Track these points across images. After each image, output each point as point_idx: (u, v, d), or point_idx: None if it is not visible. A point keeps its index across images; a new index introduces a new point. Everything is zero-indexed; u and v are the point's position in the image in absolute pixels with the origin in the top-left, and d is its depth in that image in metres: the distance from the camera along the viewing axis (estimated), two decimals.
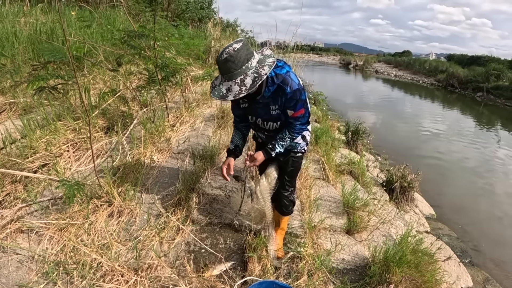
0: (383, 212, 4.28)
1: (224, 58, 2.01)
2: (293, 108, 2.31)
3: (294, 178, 2.82)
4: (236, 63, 2.02)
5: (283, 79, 2.22)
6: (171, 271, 2.40)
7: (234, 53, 2.00)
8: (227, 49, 2.01)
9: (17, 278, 2.22)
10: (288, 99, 2.26)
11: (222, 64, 2.04)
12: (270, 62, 2.11)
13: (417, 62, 40.11)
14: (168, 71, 4.33)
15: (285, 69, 2.25)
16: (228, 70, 2.04)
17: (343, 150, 6.84)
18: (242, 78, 2.04)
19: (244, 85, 2.04)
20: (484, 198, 7.35)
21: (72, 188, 2.44)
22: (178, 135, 4.48)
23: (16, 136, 3.56)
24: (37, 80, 2.87)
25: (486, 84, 24.50)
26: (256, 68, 2.07)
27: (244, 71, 2.05)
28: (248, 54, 2.05)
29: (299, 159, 2.70)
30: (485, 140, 12.37)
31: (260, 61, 2.12)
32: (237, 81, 2.05)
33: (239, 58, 2.01)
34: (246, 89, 2.04)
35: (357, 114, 12.05)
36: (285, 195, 2.77)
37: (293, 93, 2.23)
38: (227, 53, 2.00)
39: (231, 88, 2.06)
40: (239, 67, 2.03)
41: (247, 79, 2.04)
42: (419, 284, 2.65)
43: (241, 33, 16.42)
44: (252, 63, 2.07)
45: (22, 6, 7.89)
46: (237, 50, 2.00)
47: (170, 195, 3.29)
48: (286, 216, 2.92)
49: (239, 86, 2.04)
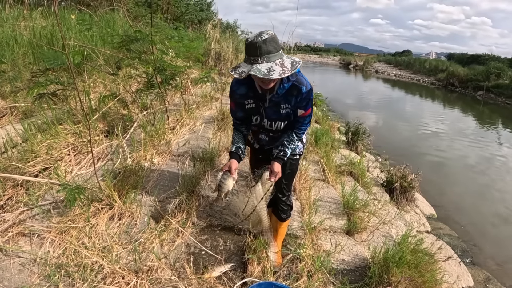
0: (383, 212, 4.29)
1: (265, 38, 1.97)
2: (304, 108, 2.32)
3: (292, 181, 2.79)
4: (276, 45, 2.02)
5: (297, 78, 2.22)
6: (171, 273, 2.42)
7: (274, 35, 2.00)
8: (264, 31, 2.00)
9: (19, 281, 2.24)
10: (303, 99, 2.27)
11: (262, 44, 1.98)
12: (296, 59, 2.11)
13: (417, 61, 40.02)
14: (167, 74, 4.34)
15: (298, 69, 2.20)
16: (269, 50, 2.00)
17: (343, 151, 6.84)
18: (281, 61, 2.02)
19: (285, 67, 2.01)
20: (485, 197, 7.34)
21: (73, 192, 2.46)
22: (178, 138, 4.50)
23: (17, 140, 3.57)
24: (37, 87, 2.90)
25: (486, 83, 24.45)
26: (287, 57, 2.08)
27: (281, 55, 2.04)
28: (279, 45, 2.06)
29: (297, 162, 2.70)
30: (486, 139, 12.35)
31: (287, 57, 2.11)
32: (277, 62, 2.01)
33: (277, 41, 2.03)
34: (288, 70, 2.01)
35: (357, 115, 12.04)
36: (282, 200, 2.72)
37: (308, 93, 2.25)
38: (267, 34, 1.98)
39: (272, 68, 1.99)
40: (278, 50, 2.03)
41: (286, 62, 2.03)
42: (418, 284, 2.66)
43: (241, 35, 16.43)
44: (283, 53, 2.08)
45: (22, 10, 7.90)
46: (272, 35, 2.00)
47: (171, 198, 3.31)
48: (284, 222, 2.85)
49: (280, 66, 2.00)
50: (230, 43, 9.80)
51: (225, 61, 9.39)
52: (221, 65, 9.33)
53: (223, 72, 9.29)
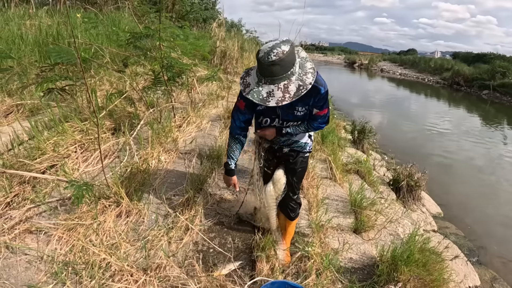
0: (390, 211, 4.27)
1: (272, 61, 1.84)
2: (319, 108, 2.22)
3: (302, 179, 2.78)
4: (284, 68, 1.88)
5: (316, 78, 2.04)
6: (180, 271, 2.40)
7: (284, 57, 1.85)
8: (275, 50, 1.85)
9: (26, 278, 2.23)
10: (321, 99, 2.17)
11: (268, 67, 1.86)
12: (310, 68, 2.01)
13: (422, 60, 39.87)
14: (174, 71, 4.33)
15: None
16: (274, 74, 1.89)
17: (350, 149, 6.82)
18: (286, 83, 1.91)
19: (288, 92, 1.91)
20: (491, 196, 7.30)
21: (80, 189, 2.45)
22: (185, 136, 4.49)
23: (24, 138, 3.58)
24: (46, 82, 2.89)
25: (492, 81, 24.30)
26: (300, 74, 1.96)
27: (289, 76, 1.91)
28: (294, 59, 1.93)
29: (307, 159, 2.68)
30: (492, 139, 12.29)
31: (301, 65, 2.01)
32: (280, 86, 1.91)
33: (287, 62, 1.88)
34: (290, 96, 1.91)
35: (363, 113, 12.01)
36: (293, 198, 2.69)
37: (326, 93, 2.15)
38: (276, 56, 1.84)
39: (273, 93, 1.90)
40: (285, 72, 1.89)
41: (291, 86, 1.92)
42: (427, 283, 2.64)
43: (246, 33, 16.43)
44: (296, 68, 1.94)
45: (27, 9, 7.93)
46: (286, 53, 1.85)
47: (178, 195, 3.30)
48: (293, 220, 2.82)
49: (282, 92, 1.90)
50: (236, 41, 9.79)
51: (231, 59, 9.39)
52: (226, 64, 9.33)
53: (228, 71, 9.28)
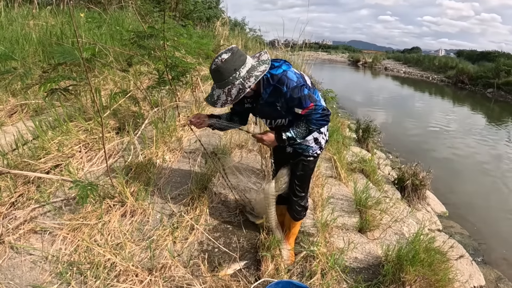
0: (395, 210, 4.26)
1: (213, 68, 2.09)
2: (300, 106, 2.20)
3: (305, 183, 2.68)
4: (223, 73, 2.07)
5: (278, 79, 2.18)
6: (185, 271, 2.40)
7: (221, 64, 2.05)
8: (216, 59, 2.08)
9: (31, 278, 2.24)
10: (289, 98, 2.19)
11: (212, 73, 2.13)
12: (261, 69, 2.13)
13: (426, 58, 39.68)
14: (178, 71, 4.32)
15: (282, 68, 2.22)
16: (216, 79, 2.13)
17: (354, 148, 6.80)
18: (229, 88, 2.10)
19: (230, 95, 2.11)
20: (496, 195, 7.27)
21: (85, 189, 2.45)
22: (190, 135, 4.48)
23: (28, 138, 3.58)
24: (49, 82, 2.88)
25: (496, 80, 24.12)
26: (244, 78, 2.09)
27: (231, 81, 2.08)
28: (236, 64, 2.07)
29: (310, 164, 2.57)
30: (497, 137, 12.22)
31: (252, 69, 2.12)
32: (225, 90, 2.11)
33: (226, 69, 2.05)
34: (231, 99, 2.12)
35: (367, 112, 11.99)
36: (295, 200, 2.68)
37: (292, 91, 2.16)
38: (215, 64, 2.07)
39: (220, 97, 2.14)
40: (226, 77, 2.07)
41: (233, 90, 2.10)
42: (432, 283, 2.63)
43: (249, 32, 16.41)
44: (241, 72, 2.08)
45: (31, 9, 7.96)
46: (224, 61, 2.04)
47: (183, 195, 3.29)
48: (297, 221, 2.82)
49: (225, 95, 2.12)
50: (239, 40, 9.79)
51: None
52: None
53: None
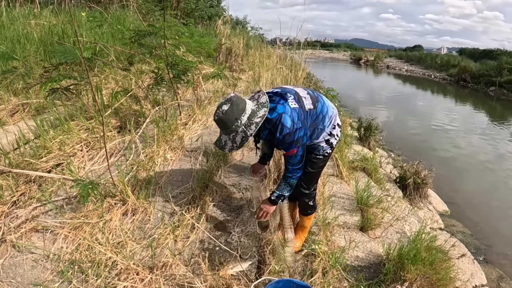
0: (397, 209, 4.26)
1: (216, 119, 2.23)
2: (285, 149, 2.36)
3: (312, 180, 2.73)
4: (226, 123, 2.20)
5: (273, 124, 2.29)
6: (186, 269, 2.40)
7: (222, 116, 2.18)
8: (218, 110, 2.21)
9: (32, 277, 2.25)
10: (280, 142, 2.31)
11: (216, 122, 2.26)
12: (260, 114, 2.23)
13: (428, 56, 39.59)
14: (179, 69, 4.32)
15: (276, 112, 2.29)
16: (221, 128, 2.27)
17: (356, 147, 6.79)
18: (234, 135, 2.24)
19: (235, 142, 2.25)
20: (498, 194, 7.25)
21: (86, 187, 2.45)
22: (191, 133, 4.48)
23: (29, 137, 3.59)
24: (50, 82, 2.89)
25: (498, 78, 24.05)
26: (245, 125, 2.21)
27: (234, 129, 2.21)
28: (236, 114, 2.19)
29: (319, 162, 2.63)
30: (499, 136, 12.18)
31: (252, 114, 2.23)
32: (230, 137, 2.26)
33: (227, 119, 2.18)
34: (237, 146, 2.26)
35: (369, 110, 11.96)
36: (301, 196, 2.77)
37: (283, 138, 2.27)
38: (217, 115, 2.21)
39: (226, 143, 2.29)
40: (229, 127, 2.20)
41: (237, 137, 2.24)
42: (433, 281, 2.62)
43: (251, 31, 16.39)
44: (242, 120, 2.20)
45: (32, 8, 7.96)
46: (224, 112, 2.17)
47: (184, 193, 3.29)
48: (305, 216, 2.92)
49: (231, 142, 2.27)
50: (241, 39, 9.76)
51: (236, 56, 9.35)
52: (232, 61, 9.29)
53: (234, 68, 9.26)
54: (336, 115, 2.63)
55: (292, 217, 3.08)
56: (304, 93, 2.48)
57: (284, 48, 7.95)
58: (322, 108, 2.47)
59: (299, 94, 2.43)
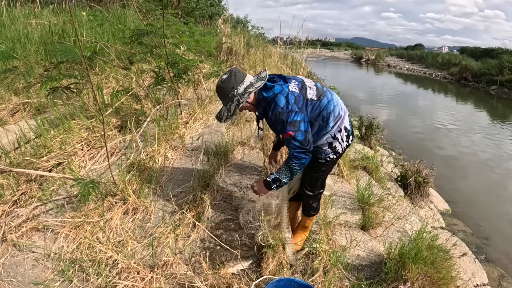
0: (398, 207, 4.24)
1: (216, 88, 2.41)
2: (280, 132, 2.32)
3: (315, 183, 2.68)
4: (224, 92, 2.35)
5: (267, 102, 2.34)
6: (187, 268, 2.40)
7: (221, 84, 2.35)
8: (219, 80, 2.38)
9: (33, 276, 2.25)
10: (273, 122, 2.32)
11: (216, 91, 2.43)
12: (256, 85, 2.33)
13: (429, 55, 39.61)
14: (179, 68, 4.32)
15: (273, 91, 2.32)
16: (220, 97, 2.42)
17: (357, 145, 6.79)
18: (230, 104, 2.36)
19: (230, 111, 2.38)
20: (499, 193, 7.25)
21: (87, 186, 2.45)
22: (192, 132, 4.47)
23: (30, 136, 3.59)
24: (50, 81, 2.89)
25: (500, 77, 24.02)
26: (241, 95, 2.32)
27: (231, 98, 2.33)
28: (234, 83, 2.31)
29: (321, 166, 2.57)
30: (500, 135, 12.19)
31: (249, 86, 2.33)
32: (227, 106, 2.38)
33: (225, 88, 2.33)
34: (230, 114, 2.40)
35: (370, 109, 11.97)
36: (304, 196, 2.77)
37: (275, 117, 2.27)
38: (217, 84, 2.39)
39: (223, 112, 2.42)
40: (226, 95, 2.34)
41: (232, 106, 2.36)
42: (434, 280, 2.61)
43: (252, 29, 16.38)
44: (238, 90, 2.31)
45: (33, 8, 7.97)
46: (223, 81, 2.34)
47: (185, 192, 3.30)
48: (307, 217, 2.89)
49: (227, 111, 2.39)
50: (242, 37, 9.74)
51: (237, 55, 9.32)
52: (232, 60, 9.26)
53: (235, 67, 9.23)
54: (345, 117, 2.50)
55: (295, 217, 3.11)
56: (311, 83, 2.47)
57: (285, 47, 7.95)
58: (328, 104, 2.40)
59: (305, 83, 2.44)
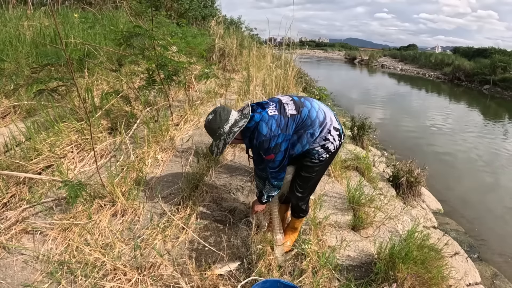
0: (390, 207, 4.24)
1: (204, 127, 2.56)
2: (263, 154, 2.46)
3: (307, 184, 2.71)
4: (211, 131, 2.49)
5: (251, 132, 2.47)
6: (173, 270, 2.40)
7: (208, 124, 2.49)
8: (206, 120, 2.52)
9: (22, 278, 2.25)
10: (258, 148, 2.46)
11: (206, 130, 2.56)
12: (240, 124, 2.43)
13: (422, 55, 39.83)
14: (169, 70, 4.32)
15: (254, 120, 2.46)
16: (209, 134, 2.55)
17: (349, 146, 6.79)
18: (218, 142, 2.49)
19: (219, 148, 2.51)
20: (492, 192, 7.29)
21: (74, 189, 2.46)
22: (182, 134, 4.48)
23: (20, 139, 3.58)
24: (36, 83, 2.88)
25: (492, 76, 24.20)
26: (227, 134, 2.44)
27: (218, 137, 2.47)
28: (219, 123, 2.45)
29: (314, 167, 2.59)
30: (493, 134, 12.26)
31: (234, 124, 2.45)
32: (216, 143, 2.51)
33: (212, 128, 2.48)
34: (219, 151, 2.52)
35: (363, 109, 11.99)
36: (294, 198, 2.78)
37: (259, 144, 2.41)
38: (204, 124, 2.55)
39: (214, 148, 2.54)
40: (213, 134, 2.49)
41: (220, 144, 2.50)
42: (425, 280, 2.61)
43: (245, 31, 16.39)
44: (224, 129, 2.44)
45: (25, 10, 7.93)
46: (209, 121, 2.48)
47: (174, 194, 3.30)
48: (297, 218, 2.93)
49: (216, 148, 2.52)
50: (234, 39, 9.76)
51: (230, 57, 9.34)
52: (225, 61, 9.28)
53: (227, 68, 9.25)
54: (331, 119, 2.52)
55: (284, 218, 3.13)
56: (287, 99, 2.55)
57: (278, 48, 7.97)
58: (309, 113, 2.46)
59: (282, 102, 2.52)
